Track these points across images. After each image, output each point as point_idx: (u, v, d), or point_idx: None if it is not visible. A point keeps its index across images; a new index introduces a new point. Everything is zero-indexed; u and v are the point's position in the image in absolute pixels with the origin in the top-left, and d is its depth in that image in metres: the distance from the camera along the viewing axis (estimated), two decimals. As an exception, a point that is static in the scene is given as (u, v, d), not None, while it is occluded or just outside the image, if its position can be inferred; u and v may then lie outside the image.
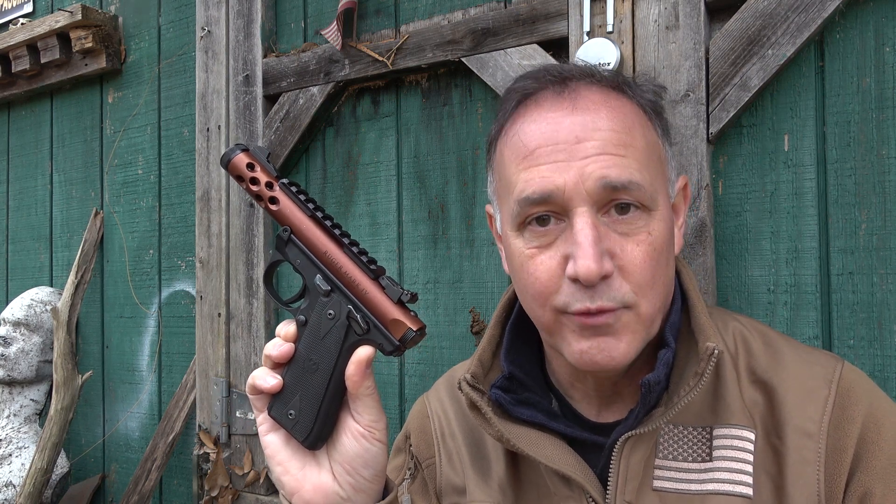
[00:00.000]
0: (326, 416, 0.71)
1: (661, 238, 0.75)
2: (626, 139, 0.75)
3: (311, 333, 0.72)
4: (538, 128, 0.77)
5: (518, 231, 0.78)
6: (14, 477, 2.01)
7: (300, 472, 0.72)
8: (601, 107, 0.76)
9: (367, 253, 0.72)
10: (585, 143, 0.74)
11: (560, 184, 0.73)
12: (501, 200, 0.83)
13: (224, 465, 1.70)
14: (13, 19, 2.34)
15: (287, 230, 0.73)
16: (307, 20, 1.67)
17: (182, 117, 1.95)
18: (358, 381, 0.69)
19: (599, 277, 0.71)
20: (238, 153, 0.74)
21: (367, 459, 0.71)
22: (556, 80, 0.80)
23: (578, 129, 0.75)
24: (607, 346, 0.74)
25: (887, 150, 1.05)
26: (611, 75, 0.82)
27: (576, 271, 0.71)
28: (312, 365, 0.71)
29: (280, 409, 0.72)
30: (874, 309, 1.06)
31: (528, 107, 0.80)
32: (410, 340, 0.69)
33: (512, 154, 0.79)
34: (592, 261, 0.70)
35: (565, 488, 0.80)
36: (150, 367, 2.02)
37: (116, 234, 2.09)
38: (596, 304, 0.72)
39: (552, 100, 0.78)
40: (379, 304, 0.70)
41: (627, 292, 0.73)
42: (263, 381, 0.72)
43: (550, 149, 0.75)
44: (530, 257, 0.76)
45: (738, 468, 0.76)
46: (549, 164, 0.74)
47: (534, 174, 0.75)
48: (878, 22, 1.07)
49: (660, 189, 0.77)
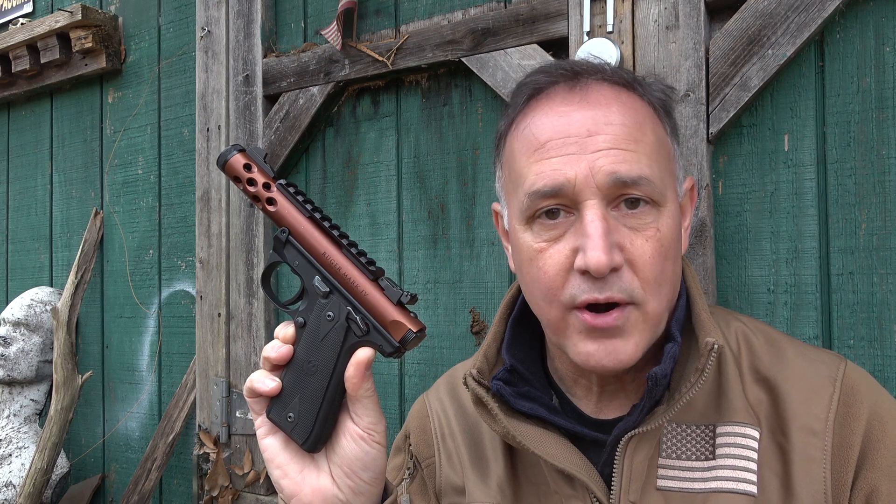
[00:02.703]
0: (326, 418, 0.71)
1: (670, 234, 0.76)
2: (636, 134, 0.75)
3: (310, 335, 0.71)
4: (549, 121, 0.77)
5: (527, 225, 0.78)
6: (14, 477, 2.01)
7: (299, 475, 0.72)
8: (612, 102, 0.77)
9: (366, 254, 0.71)
10: (596, 137, 0.74)
11: (571, 176, 0.73)
12: (510, 195, 0.82)
13: (224, 465, 1.69)
14: (13, 19, 2.34)
15: (285, 231, 0.72)
16: (307, 20, 1.67)
17: (182, 117, 1.95)
18: (357, 382, 0.69)
19: (609, 269, 0.71)
20: (234, 154, 0.73)
21: (367, 462, 0.70)
22: (567, 75, 0.80)
23: (590, 122, 0.75)
24: (615, 349, 0.74)
25: (887, 150, 1.05)
26: (622, 72, 0.82)
27: (586, 262, 0.71)
28: (311, 367, 0.70)
29: (279, 412, 0.71)
30: (874, 309, 1.06)
31: (539, 101, 0.80)
32: (410, 342, 0.69)
33: (522, 147, 0.79)
34: (602, 252, 0.70)
35: (568, 487, 0.80)
36: (150, 368, 2.02)
37: (116, 234, 2.09)
38: (605, 295, 0.72)
39: (564, 94, 0.78)
40: (378, 306, 0.69)
41: (637, 287, 0.73)
42: (262, 383, 0.71)
43: (561, 141, 0.75)
44: (539, 251, 0.76)
45: (742, 466, 0.76)
46: (560, 156, 0.74)
47: (545, 167, 0.75)
48: (878, 22, 1.07)
49: (669, 185, 0.77)
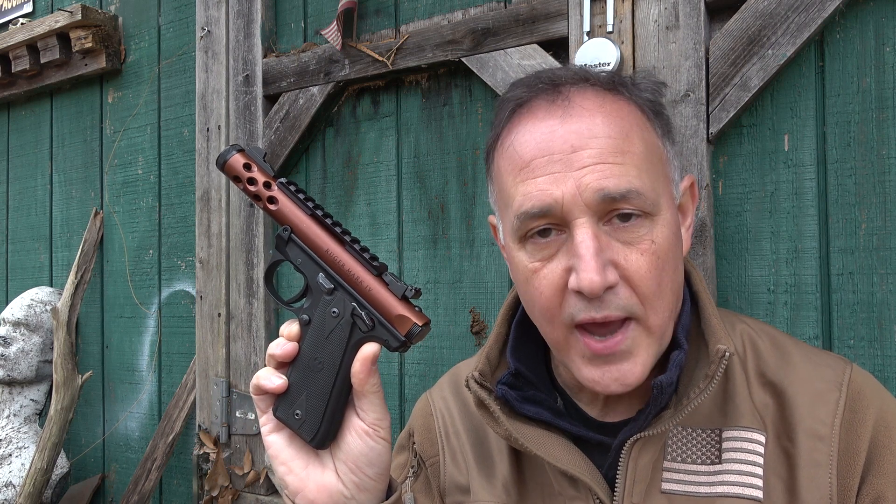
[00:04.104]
0: (333, 414, 0.71)
1: (666, 244, 0.74)
2: (622, 145, 0.73)
3: (315, 332, 0.71)
4: (532, 138, 0.75)
5: (520, 244, 0.77)
6: (14, 477, 2.01)
7: (304, 472, 0.72)
8: (595, 113, 0.75)
9: (369, 250, 0.72)
10: (581, 153, 0.72)
11: (558, 196, 0.72)
12: (502, 212, 0.82)
13: (224, 465, 1.69)
14: (13, 19, 2.34)
15: (287, 229, 0.72)
16: (307, 20, 1.67)
17: (182, 117, 1.95)
18: (364, 378, 0.69)
19: (603, 289, 0.70)
20: (234, 154, 0.73)
21: (372, 458, 0.71)
22: (548, 87, 0.78)
23: (573, 137, 0.73)
24: (621, 375, 0.74)
25: (887, 150, 1.05)
26: (606, 77, 0.80)
27: (578, 284, 0.71)
28: (318, 364, 0.71)
29: (286, 410, 0.72)
30: (874, 309, 1.06)
31: (521, 116, 0.78)
32: (416, 336, 0.69)
33: (508, 166, 0.78)
34: (595, 273, 0.69)
35: (572, 489, 0.80)
36: (150, 367, 2.02)
37: (116, 234, 2.09)
38: (602, 314, 0.72)
39: (545, 108, 0.77)
40: (383, 301, 0.70)
41: (635, 303, 0.72)
42: (268, 381, 0.71)
43: (546, 160, 0.74)
44: (534, 272, 0.76)
45: (748, 471, 0.75)
46: (546, 175, 0.73)
47: (531, 187, 0.74)
48: (878, 22, 1.07)
49: (662, 192, 0.76)
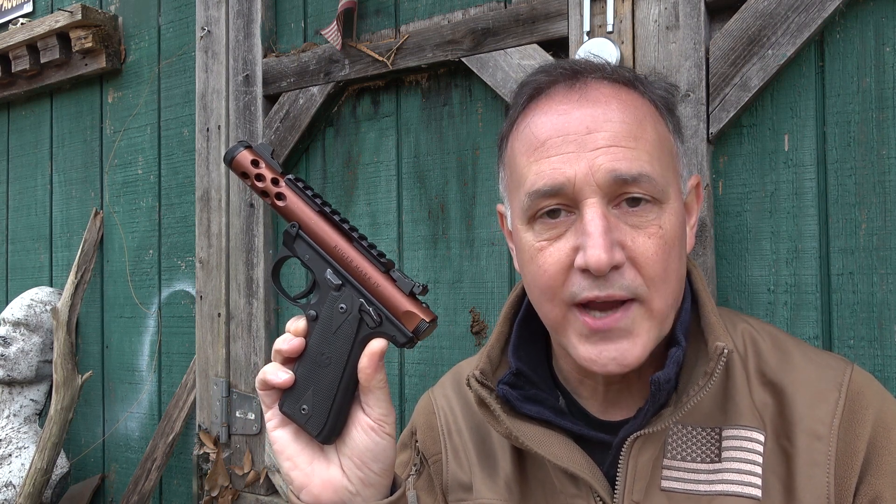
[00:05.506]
0: (340, 409, 0.71)
1: (673, 232, 0.75)
2: (636, 131, 0.75)
3: (322, 328, 0.72)
4: (548, 119, 0.77)
5: (528, 224, 0.78)
6: (14, 477, 2.01)
7: (309, 467, 0.72)
8: (612, 99, 0.77)
9: (376, 247, 0.72)
10: (595, 135, 0.74)
11: (570, 175, 0.73)
12: (512, 195, 0.83)
13: (224, 465, 1.69)
14: (13, 19, 2.34)
15: (295, 226, 0.73)
16: (307, 20, 1.67)
17: (182, 117, 1.95)
18: (371, 373, 0.69)
19: (609, 267, 0.71)
20: (241, 150, 0.74)
21: (377, 453, 0.71)
22: (567, 74, 0.80)
23: (588, 120, 0.75)
24: (620, 353, 0.74)
25: (887, 150, 1.06)
26: (623, 71, 0.82)
27: (586, 261, 0.71)
28: (325, 359, 0.71)
29: (292, 405, 0.72)
30: (874, 309, 1.06)
31: (539, 100, 0.80)
32: (423, 332, 0.70)
33: (522, 147, 0.79)
34: (602, 250, 0.70)
35: (572, 487, 0.81)
36: (150, 367, 2.02)
37: (116, 234, 2.09)
38: (605, 293, 0.72)
39: (563, 93, 0.78)
40: (391, 297, 0.70)
41: (640, 284, 0.73)
42: (275, 375, 0.71)
43: (560, 140, 0.75)
44: (540, 250, 0.76)
45: (747, 469, 0.76)
46: (560, 155, 0.74)
47: (544, 166, 0.75)
48: (878, 22, 1.07)
49: (671, 182, 0.77)
